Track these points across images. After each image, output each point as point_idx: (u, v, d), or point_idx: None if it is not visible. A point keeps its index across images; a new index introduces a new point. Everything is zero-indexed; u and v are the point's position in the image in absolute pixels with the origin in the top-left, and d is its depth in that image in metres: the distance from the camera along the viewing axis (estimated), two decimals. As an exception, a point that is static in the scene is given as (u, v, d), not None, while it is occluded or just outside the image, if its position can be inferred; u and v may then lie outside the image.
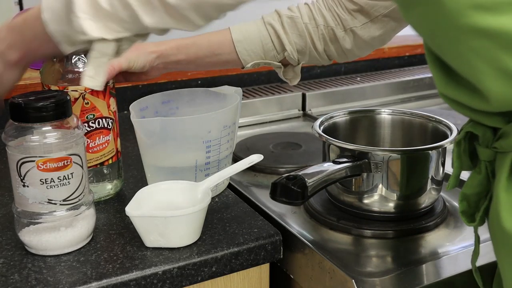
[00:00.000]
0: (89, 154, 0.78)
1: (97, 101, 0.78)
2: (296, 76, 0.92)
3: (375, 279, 0.65)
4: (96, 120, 0.78)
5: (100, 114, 0.78)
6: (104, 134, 0.79)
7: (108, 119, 0.79)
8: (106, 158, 0.81)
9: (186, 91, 0.91)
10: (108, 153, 0.81)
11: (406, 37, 1.76)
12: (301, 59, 0.89)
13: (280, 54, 0.87)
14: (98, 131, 0.79)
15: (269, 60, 0.88)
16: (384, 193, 0.74)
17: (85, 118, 0.77)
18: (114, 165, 0.83)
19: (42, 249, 0.67)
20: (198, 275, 0.68)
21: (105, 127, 0.79)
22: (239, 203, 0.82)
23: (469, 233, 0.76)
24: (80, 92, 0.76)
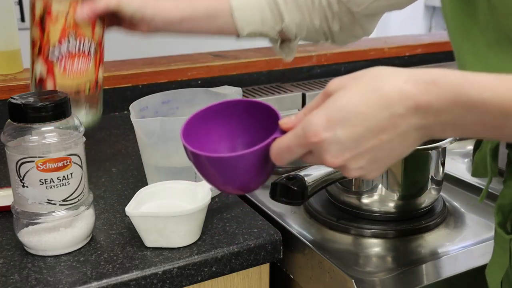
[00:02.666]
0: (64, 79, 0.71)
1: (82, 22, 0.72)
2: (291, 52, 0.88)
3: (375, 279, 0.65)
4: (77, 40, 0.72)
5: (82, 34, 0.72)
6: (83, 59, 0.73)
7: (91, 43, 0.73)
8: (83, 88, 0.74)
9: (186, 91, 0.91)
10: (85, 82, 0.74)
11: (406, 37, 1.76)
12: (298, 33, 0.86)
13: (277, 25, 0.84)
14: (76, 55, 0.72)
15: (266, 31, 0.85)
16: (384, 193, 0.74)
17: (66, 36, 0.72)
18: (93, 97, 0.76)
19: (42, 250, 0.67)
20: (198, 275, 0.68)
21: (86, 51, 0.73)
22: (239, 203, 0.82)
23: (469, 233, 0.76)
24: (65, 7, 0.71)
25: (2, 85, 1.14)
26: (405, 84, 0.47)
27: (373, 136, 0.49)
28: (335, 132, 0.49)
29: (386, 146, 0.50)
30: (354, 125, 0.48)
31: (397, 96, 0.47)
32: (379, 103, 0.48)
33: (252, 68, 1.39)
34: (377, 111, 0.48)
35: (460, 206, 0.83)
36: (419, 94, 0.47)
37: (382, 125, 0.48)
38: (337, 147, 0.49)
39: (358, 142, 0.49)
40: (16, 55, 1.21)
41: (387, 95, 0.48)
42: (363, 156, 0.50)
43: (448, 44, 1.85)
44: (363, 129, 0.49)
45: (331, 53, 1.48)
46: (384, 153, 0.50)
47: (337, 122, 0.49)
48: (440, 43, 1.67)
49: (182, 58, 1.39)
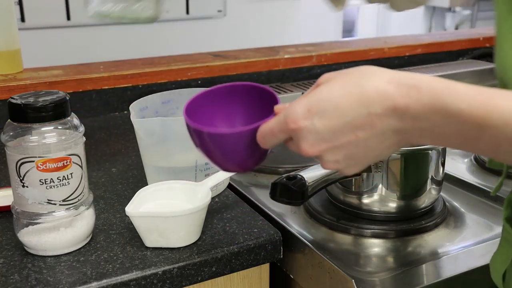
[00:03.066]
0: None
1: None
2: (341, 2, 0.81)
3: (375, 279, 0.65)
4: None
5: None
6: None
7: None
8: None
9: (186, 91, 0.91)
10: None
11: (406, 37, 1.76)
12: None
13: None
14: None
15: None
16: (384, 193, 0.74)
17: None
18: None
19: (42, 250, 0.67)
20: (198, 275, 0.68)
21: None
22: (239, 203, 0.82)
23: (469, 233, 0.76)
24: None
25: (2, 85, 1.14)
26: (387, 84, 0.48)
27: (349, 131, 0.49)
28: (313, 121, 0.50)
29: (363, 144, 0.50)
30: (332, 117, 0.49)
31: (376, 95, 0.48)
32: (358, 99, 0.48)
33: (252, 68, 1.39)
34: (355, 107, 0.48)
35: (460, 206, 0.83)
36: (398, 96, 0.47)
37: (359, 122, 0.49)
38: (314, 136, 0.51)
39: (335, 135, 0.50)
40: (16, 55, 1.21)
41: (367, 93, 0.48)
42: (339, 150, 0.51)
43: (448, 44, 1.85)
44: (340, 123, 0.49)
45: (331, 53, 1.48)
46: (360, 150, 0.51)
47: (316, 112, 0.50)
48: (440, 43, 1.67)
49: (182, 58, 1.39)
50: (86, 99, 1.23)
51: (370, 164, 0.54)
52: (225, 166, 0.59)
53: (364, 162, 0.53)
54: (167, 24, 2.44)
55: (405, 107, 0.47)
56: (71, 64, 1.33)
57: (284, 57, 1.42)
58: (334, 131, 0.50)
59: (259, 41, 2.10)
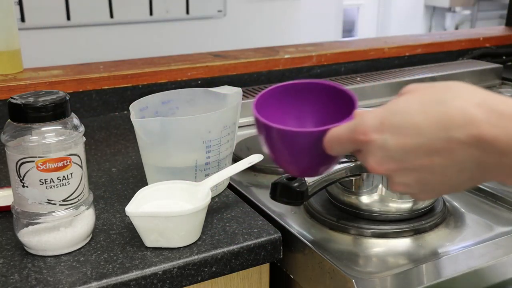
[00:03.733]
0: None
1: None
2: None
3: (375, 279, 0.65)
4: None
5: None
6: None
7: None
8: None
9: (186, 91, 0.91)
10: None
11: (406, 37, 1.76)
12: None
13: None
14: None
15: None
16: (384, 193, 0.74)
17: None
18: None
19: (42, 250, 0.67)
20: (198, 275, 0.68)
21: None
22: (239, 203, 0.82)
23: (469, 233, 0.76)
24: None
25: (2, 85, 1.14)
26: (475, 107, 0.41)
27: (424, 154, 0.44)
28: (385, 137, 0.45)
29: (439, 171, 0.45)
30: (406, 135, 0.44)
31: (461, 118, 0.42)
32: (439, 120, 0.43)
33: (252, 68, 1.39)
34: (433, 128, 0.43)
35: (460, 206, 0.83)
36: (486, 124, 0.41)
37: (436, 146, 0.43)
38: (383, 153, 0.46)
39: (407, 155, 0.45)
40: (16, 55, 1.21)
41: (450, 114, 0.42)
42: (411, 173, 0.46)
43: (448, 44, 1.86)
44: (414, 143, 0.44)
45: (331, 53, 1.48)
46: (436, 178, 0.45)
47: (389, 127, 0.45)
48: (440, 43, 1.67)
49: (182, 58, 1.39)
50: (86, 99, 1.23)
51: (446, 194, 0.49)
52: (290, 168, 0.56)
53: (439, 191, 0.48)
54: (167, 24, 2.44)
55: (493, 138, 0.41)
56: (71, 64, 1.33)
57: (284, 57, 1.42)
58: (406, 151, 0.44)
59: (259, 41, 2.10)
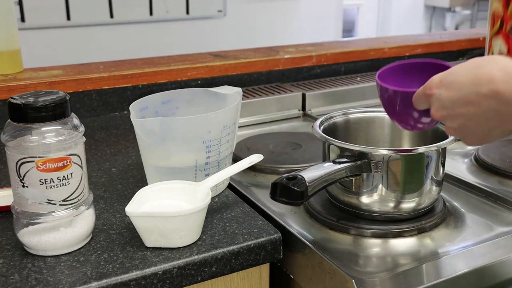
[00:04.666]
0: None
1: None
2: None
3: (375, 279, 0.65)
4: None
5: None
6: None
7: None
8: None
9: (186, 91, 0.91)
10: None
11: (406, 37, 1.76)
12: None
13: None
14: None
15: None
16: (384, 193, 0.74)
17: None
18: None
19: (42, 250, 0.67)
20: (198, 275, 0.68)
21: None
22: (239, 203, 0.82)
23: (469, 233, 0.76)
24: None
25: (2, 85, 1.14)
26: (498, 70, 0.55)
27: (463, 104, 0.58)
28: (440, 91, 0.60)
29: (473, 118, 0.59)
30: (453, 90, 0.59)
31: (487, 77, 0.56)
32: (473, 78, 0.57)
33: (252, 68, 1.39)
34: (469, 84, 0.57)
35: (460, 206, 0.83)
36: (501, 82, 0.55)
37: (470, 98, 0.58)
38: (439, 103, 0.61)
39: (453, 105, 0.59)
40: (16, 55, 1.21)
41: (481, 75, 0.57)
42: (456, 119, 0.60)
43: (448, 44, 1.86)
44: (457, 96, 0.59)
45: (331, 53, 1.48)
46: (472, 124, 0.60)
47: (444, 84, 0.60)
48: (440, 43, 1.67)
49: (182, 58, 1.39)
50: (86, 99, 1.23)
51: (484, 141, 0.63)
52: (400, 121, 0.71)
53: (476, 136, 0.61)
54: (167, 24, 2.44)
55: (503, 92, 0.55)
56: (71, 64, 1.33)
57: (284, 57, 1.42)
58: (452, 102, 0.59)
59: (259, 41, 2.10)
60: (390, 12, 4.23)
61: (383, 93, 0.70)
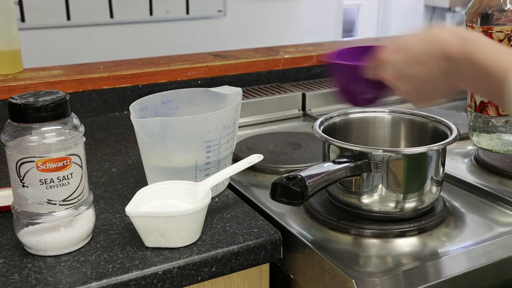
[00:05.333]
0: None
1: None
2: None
3: (375, 279, 0.65)
4: None
5: None
6: None
7: None
8: None
9: (186, 91, 0.91)
10: None
11: (406, 37, 1.76)
12: None
13: None
14: None
15: None
16: (384, 193, 0.74)
17: None
18: None
19: (42, 250, 0.67)
20: (198, 275, 0.68)
21: None
22: (239, 203, 0.82)
23: (469, 233, 0.76)
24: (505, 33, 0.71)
25: (2, 85, 1.14)
26: (448, 34, 0.60)
27: (414, 65, 0.63)
28: (395, 55, 0.64)
29: (422, 78, 0.63)
30: (406, 53, 0.63)
31: (437, 39, 0.61)
32: (424, 41, 0.62)
33: (252, 68, 1.39)
34: (421, 47, 0.62)
35: (460, 206, 0.83)
36: (450, 43, 0.60)
37: (421, 59, 0.62)
38: (392, 65, 0.65)
39: (405, 66, 0.63)
40: (16, 55, 1.21)
41: (431, 37, 0.62)
42: (407, 80, 0.64)
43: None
44: (409, 58, 0.63)
45: (331, 53, 1.48)
46: (421, 84, 0.64)
47: (397, 49, 0.65)
48: (440, 43, 1.66)
49: (182, 58, 1.39)
50: (86, 99, 1.23)
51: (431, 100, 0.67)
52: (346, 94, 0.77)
53: (424, 96, 0.66)
54: (167, 24, 2.44)
55: (452, 51, 0.59)
56: (71, 64, 1.33)
57: (284, 57, 1.42)
58: (405, 63, 0.63)
59: (259, 41, 2.10)
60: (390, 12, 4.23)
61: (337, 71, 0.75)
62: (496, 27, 0.72)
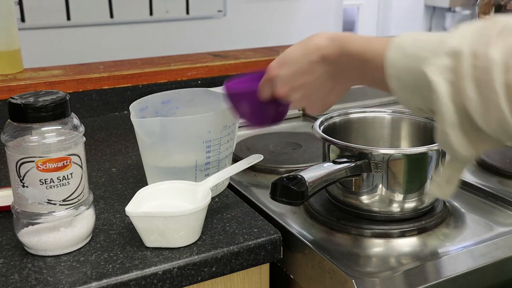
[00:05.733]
0: None
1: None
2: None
3: (375, 279, 0.65)
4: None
5: None
6: None
7: None
8: None
9: (186, 91, 0.91)
10: None
11: (406, 37, 1.76)
12: None
13: None
14: None
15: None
16: (384, 193, 0.74)
17: None
18: None
19: (42, 250, 0.67)
20: (198, 275, 0.68)
21: None
22: (239, 203, 0.82)
23: (469, 233, 0.76)
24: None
25: (2, 85, 1.14)
26: (323, 40, 0.64)
27: (300, 76, 0.65)
28: (280, 70, 0.67)
29: (311, 86, 0.66)
30: (290, 65, 0.66)
31: (314, 47, 0.64)
32: (304, 51, 0.65)
33: (252, 68, 1.38)
34: (301, 57, 0.65)
35: (460, 206, 0.83)
36: (326, 47, 0.63)
37: (305, 68, 0.65)
38: (281, 80, 0.67)
39: (292, 79, 0.66)
40: (16, 55, 1.22)
41: (309, 47, 0.64)
42: (298, 90, 0.67)
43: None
44: (294, 70, 0.66)
45: (331, 53, 1.48)
46: (311, 92, 0.66)
47: (282, 63, 0.67)
48: (440, 43, 1.66)
49: (182, 58, 1.39)
50: (86, 99, 1.23)
51: (325, 105, 0.69)
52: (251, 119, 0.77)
53: (318, 103, 0.68)
54: (167, 24, 2.44)
55: (330, 55, 0.63)
56: (71, 64, 1.33)
57: (284, 57, 1.42)
58: (292, 76, 0.66)
59: (259, 41, 2.10)
60: (390, 12, 4.23)
61: (235, 99, 0.76)
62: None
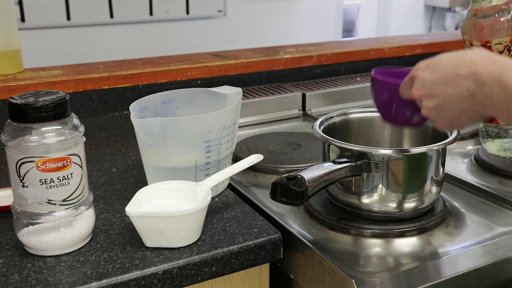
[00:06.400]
0: None
1: None
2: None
3: (375, 279, 0.65)
4: None
5: None
6: None
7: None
8: None
9: (186, 91, 0.91)
10: None
11: (406, 37, 1.76)
12: None
13: None
14: None
15: None
16: (384, 193, 0.74)
17: None
18: None
19: (42, 250, 0.67)
20: (198, 275, 0.68)
21: None
22: (239, 203, 0.82)
23: (469, 233, 0.76)
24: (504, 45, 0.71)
25: (2, 85, 1.14)
26: (479, 56, 0.61)
27: (442, 85, 0.63)
28: (424, 73, 0.65)
29: (448, 99, 0.63)
30: (436, 71, 0.64)
31: (467, 61, 0.61)
32: (455, 62, 0.62)
33: (252, 68, 1.39)
34: (451, 67, 0.62)
35: (460, 206, 0.83)
36: (480, 65, 0.60)
37: (449, 79, 0.62)
38: (420, 83, 0.66)
39: (432, 85, 0.64)
40: (16, 55, 1.21)
41: (463, 59, 0.62)
42: (433, 99, 0.65)
43: (448, 44, 1.86)
44: (438, 77, 0.63)
45: (331, 53, 1.48)
46: (446, 105, 0.64)
47: (430, 67, 0.65)
48: (440, 43, 1.67)
49: (182, 58, 1.39)
50: (86, 99, 1.23)
51: (454, 124, 0.67)
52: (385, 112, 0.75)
53: (448, 119, 0.65)
54: (167, 24, 2.44)
55: (480, 73, 0.59)
56: (71, 64, 1.33)
57: (284, 57, 1.42)
58: (432, 82, 0.64)
59: (259, 41, 2.10)
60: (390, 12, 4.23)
61: (377, 86, 0.73)
62: (495, 39, 0.71)
